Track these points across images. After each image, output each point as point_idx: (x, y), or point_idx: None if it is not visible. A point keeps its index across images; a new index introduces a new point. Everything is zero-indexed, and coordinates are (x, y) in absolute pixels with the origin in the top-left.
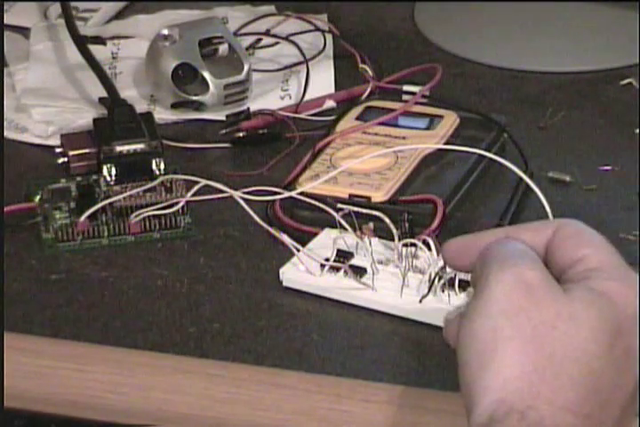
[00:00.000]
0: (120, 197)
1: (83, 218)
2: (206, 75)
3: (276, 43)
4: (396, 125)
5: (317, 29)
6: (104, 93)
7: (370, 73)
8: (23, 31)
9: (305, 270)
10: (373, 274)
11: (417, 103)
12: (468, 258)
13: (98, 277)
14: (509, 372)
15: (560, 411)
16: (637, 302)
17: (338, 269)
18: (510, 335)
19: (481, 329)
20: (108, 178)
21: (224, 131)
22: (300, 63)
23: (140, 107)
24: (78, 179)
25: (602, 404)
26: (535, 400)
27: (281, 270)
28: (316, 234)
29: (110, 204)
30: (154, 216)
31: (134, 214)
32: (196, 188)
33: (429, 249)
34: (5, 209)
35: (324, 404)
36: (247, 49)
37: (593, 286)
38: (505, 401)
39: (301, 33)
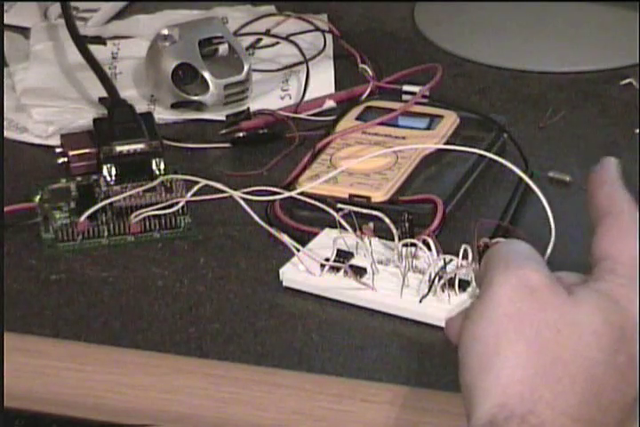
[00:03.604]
0: (120, 197)
1: (83, 218)
2: (206, 75)
3: (276, 43)
4: (396, 125)
5: (317, 29)
6: (104, 93)
7: (370, 73)
8: (23, 31)
9: (305, 270)
10: (373, 274)
11: (417, 103)
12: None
13: (98, 277)
14: (511, 375)
15: (561, 416)
16: (638, 306)
17: (338, 269)
18: (513, 339)
19: (483, 332)
20: (108, 178)
21: (224, 131)
22: (300, 63)
23: (140, 107)
24: (78, 179)
25: (603, 409)
26: (536, 405)
27: (281, 270)
28: (316, 234)
29: (110, 204)
30: (154, 216)
31: (134, 214)
32: (195, 188)
33: (429, 249)
34: (5, 209)
35: (323, 404)
36: (247, 49)
37: (604, 290)
38: (505, 405)
39: (301, 33)
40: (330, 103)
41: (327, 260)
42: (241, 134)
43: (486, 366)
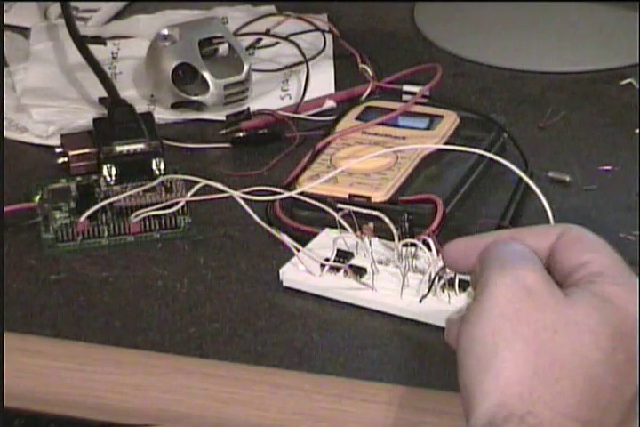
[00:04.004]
0: (120, 197)
1: (83, 218)
2: (206, 75)
3: (276, 43)
4: (396, 125)
5: (317, 29)
6: (104, 93)
7: (370, 73)
8: (23, 31)
9: (305, 270)
10: (373, 274)
11: (417, 103)
12: (469, 260)
13: (98, 278)
14: (509, 376)
15: (559, 416)
16: (638, 305)
17: (338, 269)
18: (511, 339)
19: (481, 333)
20: (108, 178)
21: (224, 131)
22: (300, 63)
23: (140, 107)
24: (78, 179)
25: (602, 409)
26: (535, 405)
27: (281, 270)
28: (316, 234)
29: (110, 204)
30: (154, 216)
31: (134, 214)
32: (196, 188)
33: (429, 249)
34: (5, 209)
35: (323, 404)
36: (247, 49)
37: (596, 291)
38: (504, 406)
39: (301, 33)
40: (330, 103)
41: (327, 260)
42: (241, 134)
43: (485, 366)
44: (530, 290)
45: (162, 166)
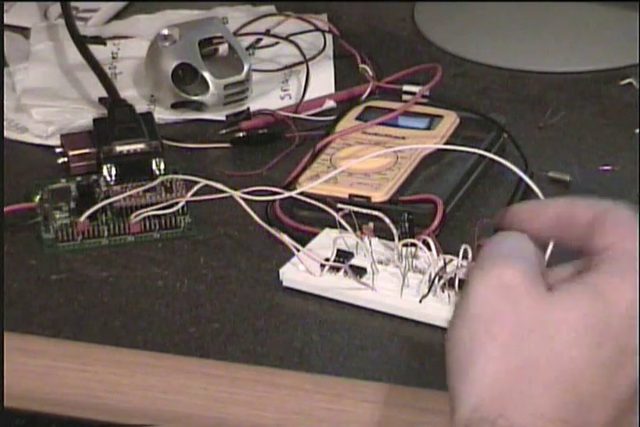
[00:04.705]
0: (120, 197)
1: (83, 218)
2: (206, 75)
3: (276, 43)
4: (396, 125)
5: (317, 29)
6: (104, 93)
7: (370, 73)
8: (23, 31)
9: (305, 270)
10: (373, 274)
11: (417, 103)
12: (537, 223)
13: (98, 278)
14: (484, 380)
15: (531, 417)
16: (637, 300)
17: (338, 269)
18: (485, 342)
19: (459, 334)
20: (108, 178)
21: (224, 131)
22: (300, 63)
23: (140, 107)
24: (78, 179)
25: (587, 406)
26: (506, 409)
27: (281, 270)
28: (316, 234)
29: (110, 204)
30: (154, 216)
31: (134, 214)
32: (196, 188)
33: (429, 249)
34: (5, 209)
35: (323, 404)
36: (247, 49)
37: (590, 282)
38: (479, 410)
39: (301, 33)
40: (330, 103)
41: (327, 260)
42: (241, 134)
43: (464, 369)
44: (507, 288)
45: (162, 166)
